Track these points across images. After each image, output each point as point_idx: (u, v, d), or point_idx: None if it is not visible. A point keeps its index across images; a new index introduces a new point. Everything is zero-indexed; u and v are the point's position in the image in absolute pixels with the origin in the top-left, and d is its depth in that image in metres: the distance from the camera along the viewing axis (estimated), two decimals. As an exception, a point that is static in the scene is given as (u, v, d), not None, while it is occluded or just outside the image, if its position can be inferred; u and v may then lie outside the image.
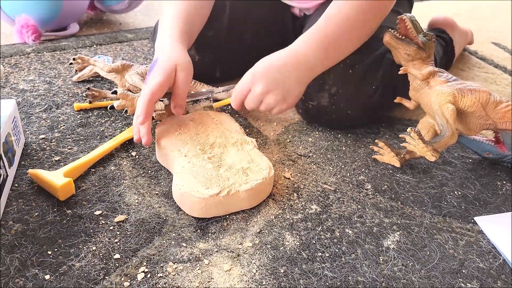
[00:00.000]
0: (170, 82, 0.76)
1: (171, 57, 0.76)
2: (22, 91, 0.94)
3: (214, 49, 0.98)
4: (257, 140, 0.84)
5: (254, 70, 0.78)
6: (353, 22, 0.78)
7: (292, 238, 0.64)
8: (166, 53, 0.77)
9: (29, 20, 1.13)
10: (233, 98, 0.80)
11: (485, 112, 0.72)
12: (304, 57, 0.77)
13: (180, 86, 0.76)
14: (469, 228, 0.68)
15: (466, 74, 1.19)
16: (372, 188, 0.75)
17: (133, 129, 0.74)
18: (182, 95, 0.77)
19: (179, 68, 0.76)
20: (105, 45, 1.19)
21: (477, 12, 1.68)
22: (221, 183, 0.66)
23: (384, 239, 0.65)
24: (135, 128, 0.74)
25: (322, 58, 0.79)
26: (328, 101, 0.84)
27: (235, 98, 0.80)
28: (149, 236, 0.63)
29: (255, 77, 0.77)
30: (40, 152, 0.77)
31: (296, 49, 0.79)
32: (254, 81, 0.77)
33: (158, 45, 0.80)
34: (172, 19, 0.83)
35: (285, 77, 0.77)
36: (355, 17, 0.78)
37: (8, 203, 0.66)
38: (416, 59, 0.76)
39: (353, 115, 0.85)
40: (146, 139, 0.72)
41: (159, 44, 0.80)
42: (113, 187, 0.70)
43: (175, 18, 0.83)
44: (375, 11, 0.79)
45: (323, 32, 0.78)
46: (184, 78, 0.76)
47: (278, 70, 0.77)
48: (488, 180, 0.78)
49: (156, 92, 0.73)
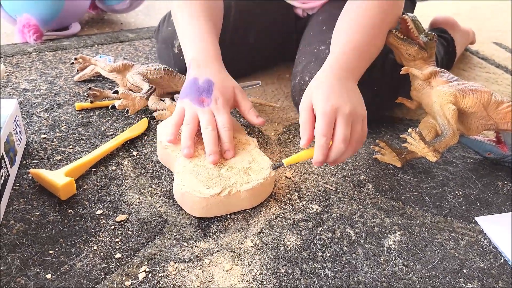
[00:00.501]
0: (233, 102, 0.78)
1: (224, 80, 0.77)
2: (24, 90, 0.94)
3: None
4: (258, 140, 0.84)
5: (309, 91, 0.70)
6: (378, 22, 0.76)
7: (293, 238, 0.64)
8: (217, 74, 0.77)
9: (30, 20, 1.14)
10: (319, 145, 0.65)
11: (486, 113, 0.72)
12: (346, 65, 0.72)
13: (245, 100, 0.78)
14: (470, 228, 0.68)
15: (468, 74, 1.18)
16: (373, 188, 0.75)
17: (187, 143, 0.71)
18: (252, 107, 0.79)
19: (237, 91, 0.77)
20: (106, 44, 1.20)
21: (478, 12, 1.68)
22: (222, 182, 0.66)
23: (385, 239, 0.65)
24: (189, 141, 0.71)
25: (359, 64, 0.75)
26: None
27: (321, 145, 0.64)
28: (150, 235, 0.63)
29: (328, 103, 0.65)
30: (42, 151, 0.77)
31: (336, 60, 0.73)
32: (333, 106, 0.65)
33: (197, 66, 0.77)
34: (201, 35, 0.80)
35: (347, 89, 0.69)
36: (379, 17, 0.75)
37: (10, 203, 0.66)
38: (417, 59, 0.76)
39: None
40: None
41: (199, 66, 0.77)
42: (114, 187, 0.71)
43: (205, 34, 0.81)
44: (394, 7, 0.78)
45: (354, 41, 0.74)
46: (244, 96, 0.78)
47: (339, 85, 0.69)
48: (489, 180, 0.78)
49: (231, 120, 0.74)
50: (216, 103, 0.73)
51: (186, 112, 0.73)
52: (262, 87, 1.03)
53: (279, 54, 1.10)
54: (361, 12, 0.76)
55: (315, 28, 0.94)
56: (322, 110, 0.65)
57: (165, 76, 0.92)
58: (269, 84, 1.05)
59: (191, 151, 0.70)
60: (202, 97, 0.74)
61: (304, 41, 0.95)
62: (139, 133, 0.83)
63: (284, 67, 1.12)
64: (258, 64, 1.09)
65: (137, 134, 0.82)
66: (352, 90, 0.70)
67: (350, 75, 0.72)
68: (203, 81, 0.75)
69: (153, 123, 0.87)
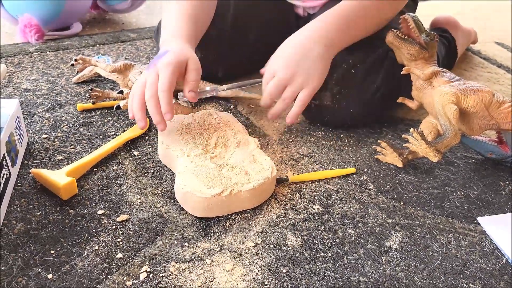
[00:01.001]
0: (182, 70, 0.74)
1: (183, 49, 0.76)
2: (25, 90, 0.94)
3: (217, 47, 0.98)
4: (259, 140, 0.84)
5: (274, 54, 0.80)
6: (369, 5, 0.81)
7: (295, 238, 0.64)
8: (178, 46, 0.76)
9: (32, 20, 1.14)
10: (264, 93, 0.80)
11: (488, 112, 0.72)
12: (323, 32, 0.79)
13: (193, 72, 0.75)
14: (472, 228, 0.68)
15: (469, 74, 1.18)
16: (375, 188, 0.75)
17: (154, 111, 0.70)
18: (195, 82, 0.76)
19: (190, 62, 0.75)
20: (108, 44, 1.20)
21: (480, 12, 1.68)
22: (223, 182, 0.66)
23: (387, 239, 0.65)
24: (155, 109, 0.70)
25: (340, 34, 0.80)
26: (331, 100, 0.83)
27: (265, 92, 0.80)
28: (152, 235, 0.63)
29: (275, 61, 0.78)
30: (43, 151, 0.77)
31: (314, 25, 0.80)
32: (275, 66, 0.78)
33: (164, 44, 0.78)
34: (177, 19, 0.82)
35: (305, 55, 0.78)
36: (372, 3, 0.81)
37: (11, 202, 0.66)
38: (418, 59, 0.76)
39: (355, 114, 0.85)
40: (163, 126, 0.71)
41: (165, 43, 0.78)
42: (116, 187, 0.71)
43: (180, 19, 0.82)
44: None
45: (341, 11, 0.81)
46: (196, 68, 0.76)
47: (299, 48, 0.78)
48: (491, 181, 0.78)
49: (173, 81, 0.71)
50: (162, 65, 0.73)
51: (137, 81, 0.75)
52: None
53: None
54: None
55: None
56: (278, 76, 0.78)
57: None
58: (270, 84, 1.05)
59: (142, 124, 0.72)
60: (154, 63, 0.74)
61: None
62: (140, 133, 0.83)
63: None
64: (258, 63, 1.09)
65: (139, 134, 0.82)
66: (316, 59, 0.78)
67: (323, 41, 0.79)
68: (161, 51, 0.76)
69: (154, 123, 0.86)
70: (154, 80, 0.71)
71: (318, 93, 0.84)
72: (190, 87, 0.75)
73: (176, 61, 0.72)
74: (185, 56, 0.75)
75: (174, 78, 0.71)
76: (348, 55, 0.83)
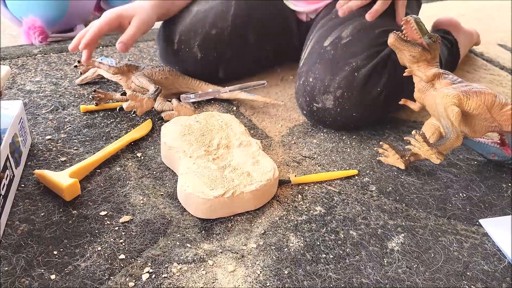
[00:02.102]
0: (117, 25, 0.90)
1: (135, 8, 0.89)
2: (29, 92, 0.95)
3: (217, 48, 0.98)
4: (262, 142, 0.84)
5: None
6: None
7: (297, 240, 0.64)
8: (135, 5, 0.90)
9: (36, 22, 1.14)
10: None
11: (490, 115, 0.72)
12: None
13: (131, 27, 0.88)
14: (474, 230, 0.68)
15: (472, 76, 1.18)
16: (377, 190, 0.75)
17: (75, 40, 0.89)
18: (128, 35, 0.87)
19: (134, 18, 0.88)
20: (111, 46, 1.20)
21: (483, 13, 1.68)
22: (225, 184, 0.67)
23: (389, 241, 0.65)
24: (77, 39, 0.90)
25: None
26: (333, 103, 0.84)
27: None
28: (154, 236, 0.63)
29: None
30: (47, 152, 0.77)
31: None
32: None
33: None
34: None
35: None
36: None
37: (15, 203, 0.66)
38: (421, 60, 0.76)
39: (358, 117, 0.85)
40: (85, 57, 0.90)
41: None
42: (119, 188, 0.71)
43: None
44: None
45: None
46: (138, 20, 0.88)
47: None
48: (493, 183, 0.78)
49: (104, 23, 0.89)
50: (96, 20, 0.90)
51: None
52: (266, 89, 1.03)
53: (281, 54, 1.10)
54: None
55: (321, 27, 0.94)
56: None
57: (169, 76, 0.92)
58: (273, 86, 1.05)
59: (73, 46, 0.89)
60: None
61: (310, 41, 0.95)
62: (143, 135, 0.83)
63: (288, 69, 1.12)
64: (260, 64, 1.09)
65: (141, 136, 0.83)
66: None
67: None
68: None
69: (157, 125, 0.87)
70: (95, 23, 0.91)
71: (320, 96, 0.84)
72: (121, 39, 0.88)
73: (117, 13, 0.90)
74: (132, 10, 0.89)
75: (97, 29, 0.89)
76: (351, 58, 0.83)
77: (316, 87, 0.84)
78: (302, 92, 0.87)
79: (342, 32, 0.88)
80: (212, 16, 0.97)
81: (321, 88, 0.83)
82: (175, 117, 0.82)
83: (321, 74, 0.84)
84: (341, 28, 0.89)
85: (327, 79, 0.83)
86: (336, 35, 0.88)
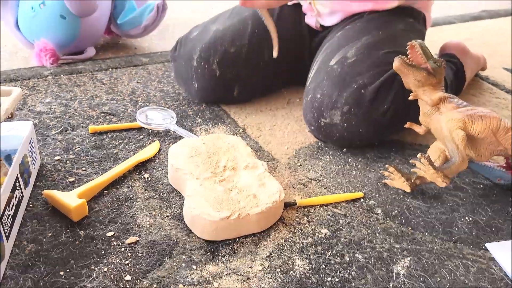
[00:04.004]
0: None
1: None
2: (39, 113, 0.96)
3: (235, 65, 1.00)
4: (268, 164, 0.85)
5: None
6: None
7: (302, 262, 0.64)
8: None
9: (47, 44, 1.17)
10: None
11: (495, 138, 0.72)
12: None
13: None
14: (481, 254, 0.68)
15: (478, 99, 1.19)
16: (383, 213, 0.75)
17: None
18: None
19: None
20: (120, 68, 1.22)
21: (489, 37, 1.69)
22: (232, 206, 0.67)
23: (394, 264, 0.65)
24: None
25: None
26: (341, 119, 0.85)
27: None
28: (160, 258, 0.63)
29: None
30: (55, 173, 0.78)
31: None
32: None
33: None
34: None
35: None
36: None
37: (23, 223, 0.67)
38: (426, 84, 0.77)
39: (364, 133, 0.86)
40: None
41: None
42: (125, 209, 0.71)
43: None
44: None
45: None
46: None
47: None
48: (499, 206, 0.78)
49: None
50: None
51: None
52: (273, 111, 1.04)
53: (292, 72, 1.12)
54: None
55: (330, 45, 0.96)
56: None
57: None
58: (279, 109, 1.06)
59: None
60: None
61: (316, 62, 0.97)
62: (150, 156, 0.84)
63: (294, 92, 1.14)
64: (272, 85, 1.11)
65: (149, 157, 0.83)
66: None
67: None
68: None
69: (164, 146, 0.88)
70: None
71: (328, 112, 0.85)
72: None
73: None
74: None
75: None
76: (357, 76, 0.85)
77: (323, 103, 0.85)
78: (309, 108, 0.89)
79: (347, 52, 0.90)
80: (230, 34, 1.00)
81: (329, 103, 0.85)
82: (183, 139, 0.83)
83: (328, 90, 0.86)
84: (346, 49, 0.91)
85: (335, 95, 0.84)
86: (342, 55, 0.90)
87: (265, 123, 0.99)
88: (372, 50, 0.89)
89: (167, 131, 0.93)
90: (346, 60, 0.88)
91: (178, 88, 1.11)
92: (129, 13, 1.30)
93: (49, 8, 1.16)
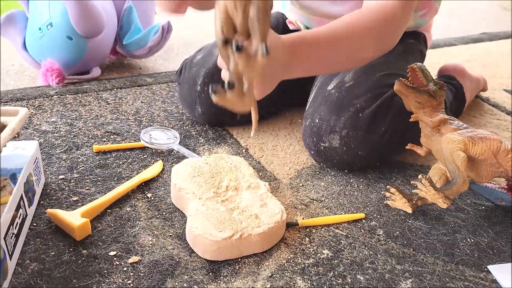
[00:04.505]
0: None
1: None
2: (44, 132, 0.97)
3: None
4: (270, 184, 0.85)
5: None
6: (342, 39, 0.75)
7: (304, 283, 0.64)
8: None
9: (54, 64, 1.19)
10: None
11: (496, 160, 0.72)
12: (284, 54, 0.70)
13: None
14: (483, 276, 0.67)
15: (478, 120, 1.19)
16: (384, 234, 0.75)
17: None
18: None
19: None
20: (125, 88, 1.24)
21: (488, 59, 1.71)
22: (234, 226, 0.67)
23: (396, 286, 0.65)
24: None
25: (299, 61, 0.73)
26: (339, 142, 0.85)
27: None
28: (162, 278, 0.63)
29: None
30: (59, 192, 0.79)
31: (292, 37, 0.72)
32: None
33: None
34: None
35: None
36: (346, 35, 0.75)
37: (26, 242, 0.67)
38: (426, 106, 0.78)
39: (364, 156, 0.87)
40: None
41: None
42: (128, 228, 0.72)
43: None
44: (373, 38, 0.77)
45: (310, 38, 0.73)
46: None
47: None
48: (501, 228, 0.78)
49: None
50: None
51: None
52: (275, 131, 1.05)
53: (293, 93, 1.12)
54: (332, 23, 0.75)
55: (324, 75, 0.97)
56: None
57: None
58: (281, 129, 1.07)
59: None
60: None
61: (317, 83, 0.98)
62: (153, 176, 0.85)
63: (296, 112, 1.15)
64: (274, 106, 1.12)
65: (152, 176, 0.84)
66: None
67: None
68: None
69: (167, 166, 0.89)
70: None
71: (327, 136, 0.86)
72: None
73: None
74: None
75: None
76: (354, 99, 0.86)
77: (322, 127, 0.86)
78: (309, 133, 0.90)
79: (345, 76, 0.91)
80: None
81: (327, 128, 0.86)
82: (186, 159, 0.83)
83: (326, 115, 0.87)
84: (344, 73, 0.92)
85: (333, 119, 0.85)
86: (339, 80, 0.91)
87: (268, 143, 1.00)
88: (369, 73, 0.90)
89: (171, 151, 0.94)
90: (344, 84, 0.89)
91: (182, 108, 1.12)
92: (134, 34, 1.33)
93: (56, 29, 1.18)
